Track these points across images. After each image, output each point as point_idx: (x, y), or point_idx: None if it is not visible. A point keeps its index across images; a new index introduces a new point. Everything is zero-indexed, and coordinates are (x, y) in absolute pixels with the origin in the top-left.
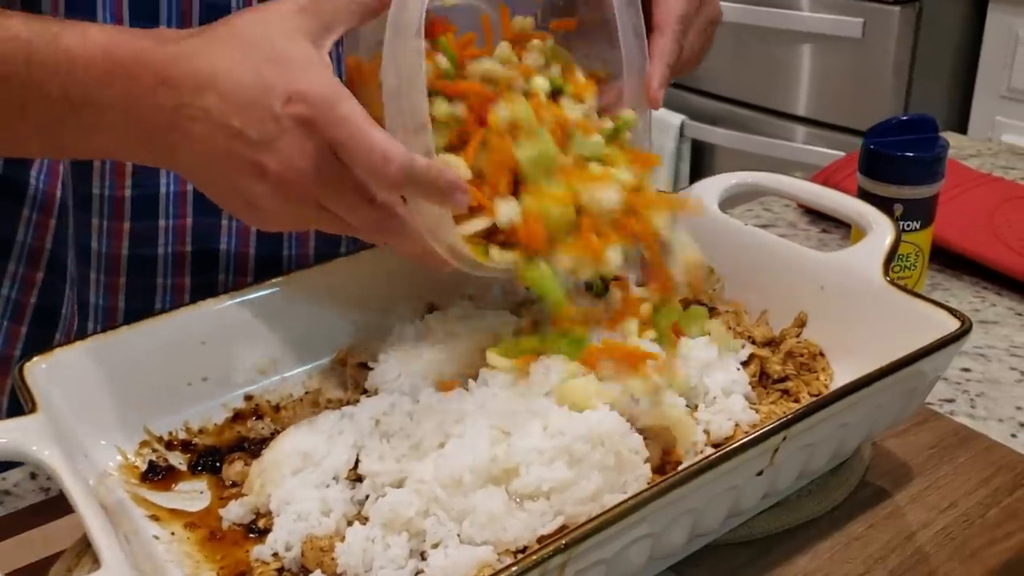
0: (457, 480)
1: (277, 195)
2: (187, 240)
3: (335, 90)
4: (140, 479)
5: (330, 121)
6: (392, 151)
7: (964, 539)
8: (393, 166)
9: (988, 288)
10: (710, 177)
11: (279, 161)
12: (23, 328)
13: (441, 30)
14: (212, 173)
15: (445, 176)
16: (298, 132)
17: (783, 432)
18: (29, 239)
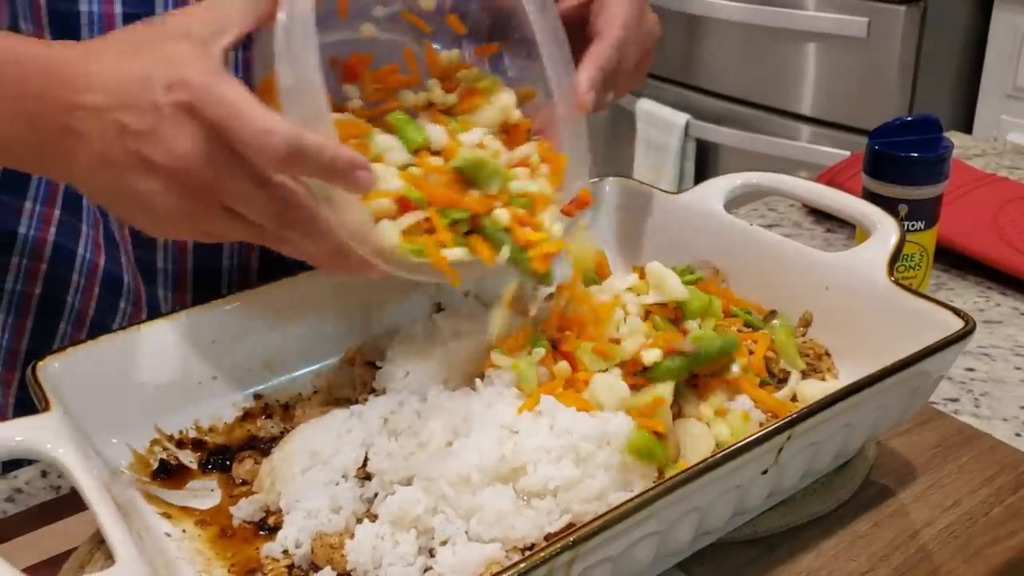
0: (465, 478)
1: (169, 190)
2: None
3: (217, 75)
4: (151, 477)
5: (210, 102)
6: (274, 124)
7: (968, 537)
8: (275, 138)
9: (993, 288)
10: (715, 177)
11: (164, 151)
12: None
13: (359, 66)
14: (107, 176)
15: (341, 153)
16: (179, 119)
17: (788, 431)
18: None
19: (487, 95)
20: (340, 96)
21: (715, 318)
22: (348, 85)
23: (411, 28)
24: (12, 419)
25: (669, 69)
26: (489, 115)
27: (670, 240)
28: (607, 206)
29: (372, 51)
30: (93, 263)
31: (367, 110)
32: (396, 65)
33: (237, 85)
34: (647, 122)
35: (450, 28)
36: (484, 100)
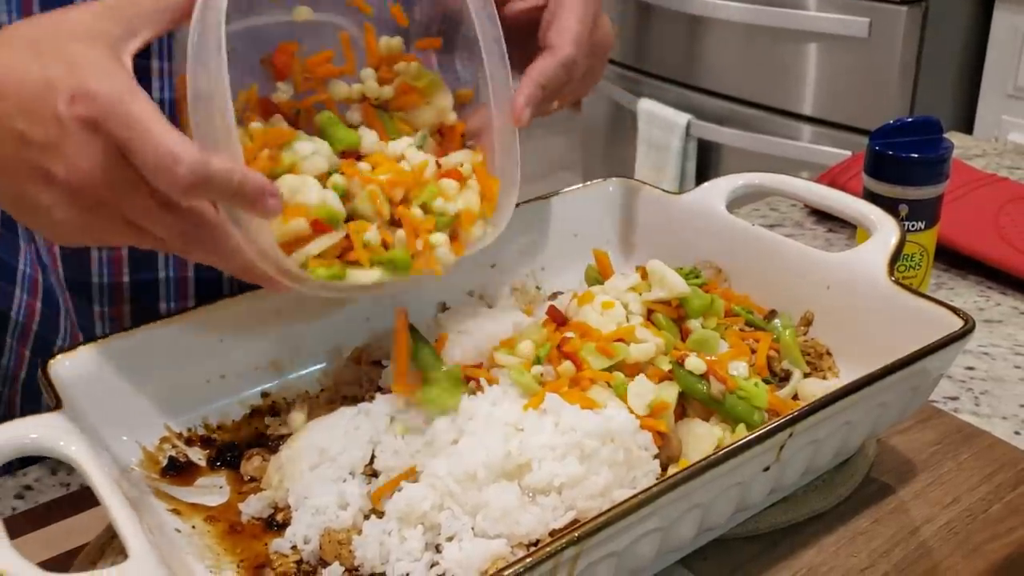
0: (471, 475)
1: (68, 203)
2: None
3: (125, 88)
4: (161, 474)
5: (115, 120)
6: (181, 151)
7: (967, 534)
8: (182, 168)
9: (993, 287)
10: (718, 178)
11: (65, 166)
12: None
13: (287, 59)
14: (5, 183)
15: (249, 179)
16: (83, 134)
17: (789, 429)
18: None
19: (425, 94)
20: (268, 88)
21: (716, 317)
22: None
23: (350, 10)
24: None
25: (670, 69)
26: (425, 116)
27: (672, 240)
28: (610, 206)
29: (307, 35)
30: (33, 279)
31: (294, 102)
32: (329, 53)
33: (144, 101)
34: (648, 122)
35: (393, 17)
36: (421, 99)
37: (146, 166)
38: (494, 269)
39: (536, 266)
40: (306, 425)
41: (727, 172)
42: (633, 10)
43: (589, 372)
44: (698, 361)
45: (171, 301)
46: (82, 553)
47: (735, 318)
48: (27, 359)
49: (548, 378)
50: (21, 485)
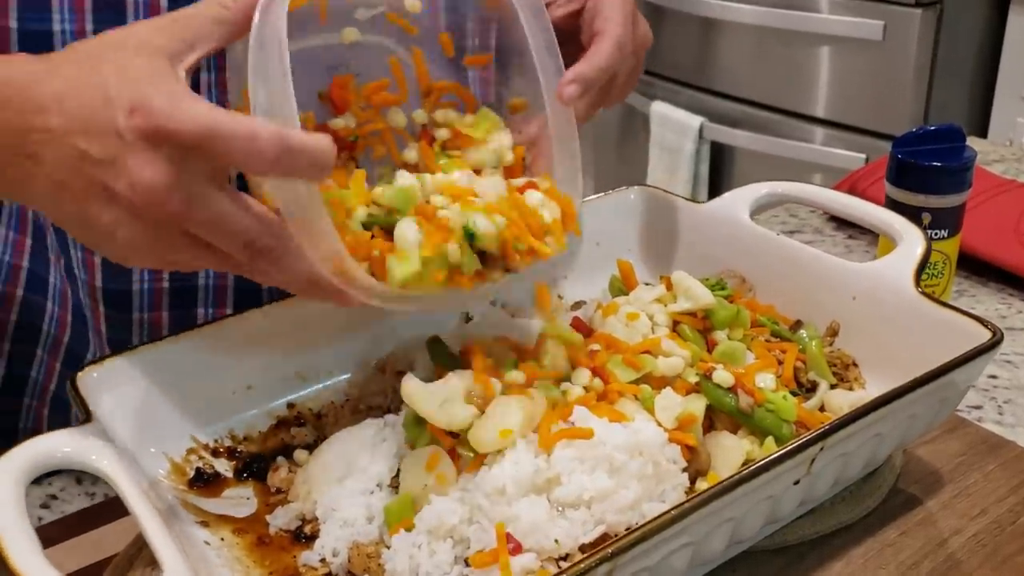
0: (500, 489)
1: (132, 222)
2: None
3: (181, 95)
4: (188, 486)
5: (180, 122)
6: (255, 127)
7: (995, 546)
8: (262, 141)
9: (1014, 295)
10: (741, 187)
11: (127, 182)
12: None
13: (345, 94)
14: (65, 202)
15: (321, 142)
16: (143, 146)
17: (821, 443)
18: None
19: (484, 131)
20: (323, 115)
21: (743, 328)
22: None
23: (396, 31)
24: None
25: (684, 72)
26: (483, 155)
27: (696, 250)
28: (632, 216)
29: (355, 55)
30: (63, 291)
31: (352, 129)
32: (385, 82)
33: (202, 101)
34: (661, 125)
35: (440, 24)
36: (480, 140)
37: (228, 151)
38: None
39: (558, 274)
40: (333, 436)
41: (740, 175)
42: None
43: (616, 385)
44: (726, 374)
45: (209, 307)
46: (111, 564)
47: (761, 329)
48: (57, 371)
49: (576, 393)
50: (47, 495)
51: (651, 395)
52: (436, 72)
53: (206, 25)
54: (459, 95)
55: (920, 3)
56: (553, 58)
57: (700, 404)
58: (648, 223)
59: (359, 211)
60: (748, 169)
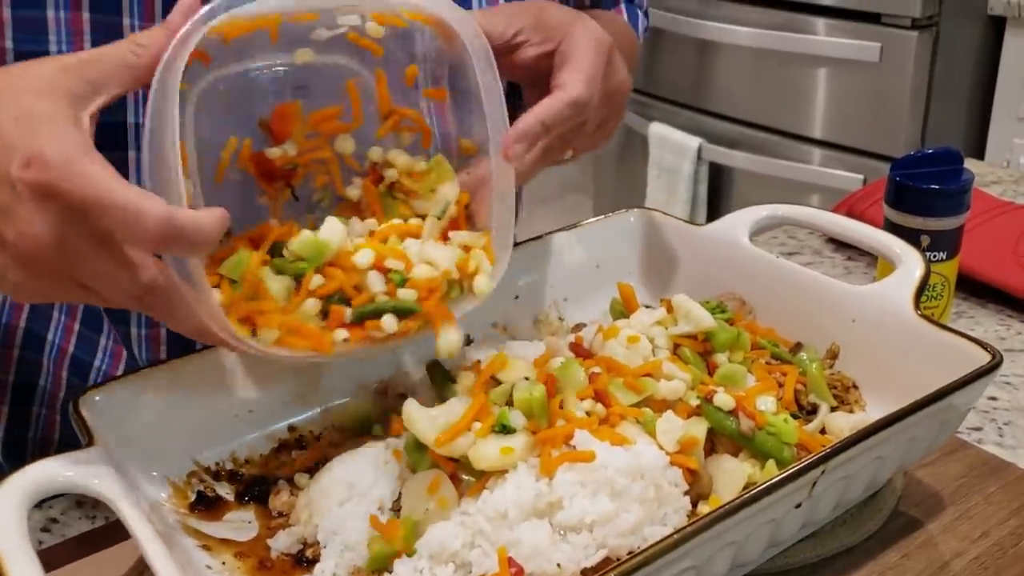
0: (502, 513)
1: (20, 268)
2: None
3: (79, 149)
4: (189, 509)
5: (71, 183)
6: (146, 205)
7: (997, 569)
8: (150, 220)
9: (1013, 316)
10: (741, 209)
11: (16, 232)
12: (4, 407)
13: (288, 122)
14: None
15: (205, 222)
16: (35, 200)
17: (822, 466)
18: (3, 320)
19: (431, 184)
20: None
21: (743, 351)
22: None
23: (353, 50)
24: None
25: (682, 93)
26: (427, 205)
27: (696, 272)
28: (632, 238)
29: (311, 76)
30: (61, 349)
31: (291, 157)
32: (334, 110)
33: (100, 162)
34: (660, 146)
35: (398, 51)
36: (427, 188)
37: (111, 223)
38: (517, 301)
39: (559, 297)
40: (334, 459)
41: (738, 195)
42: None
43: (618, 408)
44: (727, 397)
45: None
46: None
47: (761, 351)
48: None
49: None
50: (47, 518)
51: (652, 418)
52: (397, 99)
53: (114, 68)
54: (417, 124)
55: (916, 25)
56: (499, 110)
57: (701, 427)
58: (648, 246)
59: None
60: (746, 190)
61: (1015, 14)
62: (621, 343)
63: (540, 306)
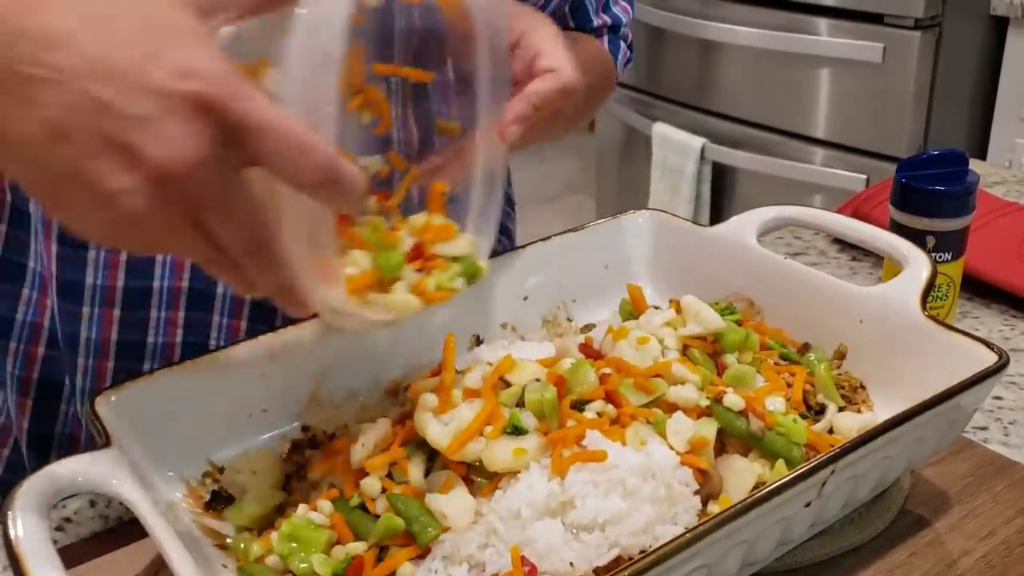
0: (515, 513)
1: (149, 192)
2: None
3: (230, 69)
4: (204, 508)
5: (237, 102)
6: (312, 140)
7: (1004, 567)
8: (316, 157)
9: (1017, 316)
10: (748, 211)
11: (163, 148)
12: (29, 401)
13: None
14: (57, 155)
15: (361, 179)
16: (190, 114)
17: (832, 465)
18: (29, 317)
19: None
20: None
21: (752, 351)
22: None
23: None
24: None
25: (685, 94)
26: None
27: (704, 273)
28: (640, 239)
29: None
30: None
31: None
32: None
33: (252, 86)
34: (663, 146)
35: (379, 24)
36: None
37: (274, 152)
38: (526, 302)
39: (567, 298)
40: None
41: (742, 195)
42: (646, 35)
43: (629, 408)
44: (736, 398)
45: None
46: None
47: (769, 352)
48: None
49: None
50: (61, 518)
51: (663, 419)
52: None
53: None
54: (380, 108)
55: (919, 26)
56: (500, 91)
57: (711, 427)
58: (656, 247)
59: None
60: (749, 190)
61: (1018, 14)
62: (631, 344)
63: (549, 307)
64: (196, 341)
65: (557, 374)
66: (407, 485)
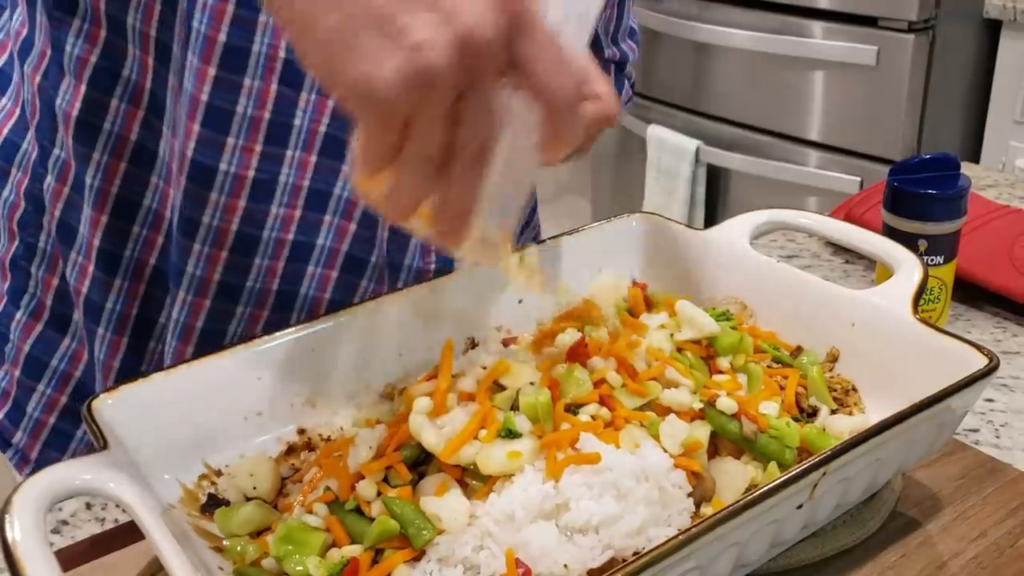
0: (509, 515)
1: (451, 52)
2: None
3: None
4: (200, 511)
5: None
6: (571, 60)
7: (995, 568)
8: (570, 77)
9: (1009, 319)
10: (742, 214)
11: (475, 15)
12: (124, 339)
13: None
14: (365, 2)
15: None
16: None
17: (823, 468)
18: (136, 254)
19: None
20: None
21: (746, 354)
22: None
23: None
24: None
25: (680, 96)
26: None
27: (697, 276)
28: (634, 242)
29: None
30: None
31: None
32: None
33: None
34: (658, 148)
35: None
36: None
37: (541, 55)
38: (520, 305)
39: (562, 300)
40: None
41: (736, 197)
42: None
43: (622, 412)
44: (729, 401)
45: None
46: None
47: (762, 355)
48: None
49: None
50: (57, 520)
51: (656, 422)
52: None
53: None
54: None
55: (913, 28)
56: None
57: (705, 431)
58: (650, 250)
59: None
60: (744, 192)
61: (1011, 17)
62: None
63: (543, 310)
64: (290, 289)
65: (551, 377)
66: (402, 488)
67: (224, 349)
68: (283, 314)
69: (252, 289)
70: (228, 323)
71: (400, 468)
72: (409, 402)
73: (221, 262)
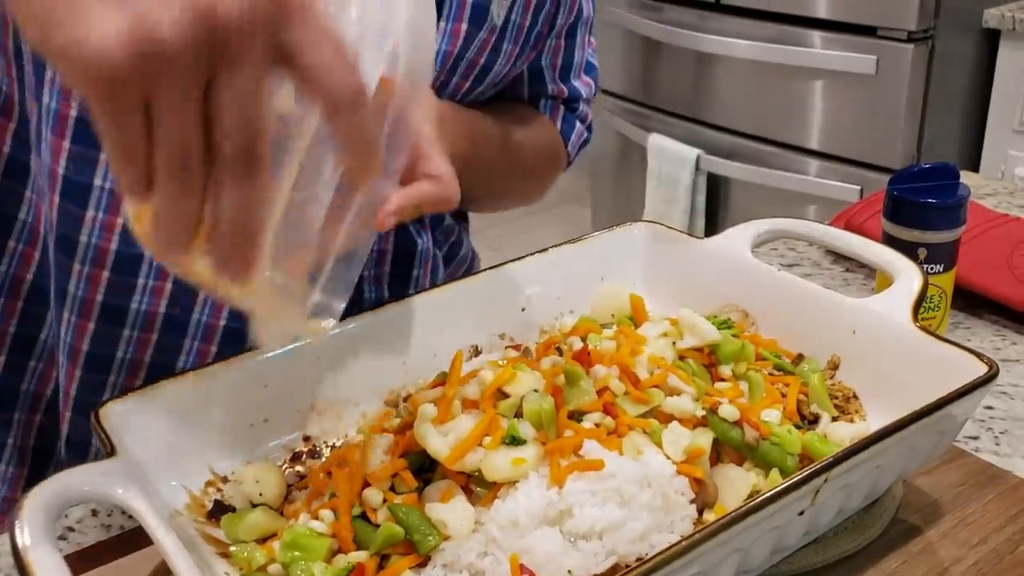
0: (514, 521)
1: (189, 21)
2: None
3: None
4: (207, 517)
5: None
6: (354, 60)
7: (996, 574)
8: (351, 75)
9: (1008, 327)
10: (743, 223)
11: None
12: (2, 357)
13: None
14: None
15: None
16: None
17: (824, 474)
18: (12, 270)
19: None
20: None
21: (747, 362)
22: None
23: None
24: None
25: (680, 105)
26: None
27: (699, 284)
28: (636, 251)
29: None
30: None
31: None
32: None
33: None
34: (658, 156)
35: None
36: None
37: (315, 41)
38: (524, 312)
39: (564, 309)
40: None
41: (737, 206)
42: (641, 47)
43: (625, 419)
44: (731, 408)
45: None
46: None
47: (763, 362)
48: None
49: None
50: (64, 527)
51: (659, 429)
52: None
53: None
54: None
55: (912, 38)
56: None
57: (707, 438)
58: (652, 258)
59: None
60: (744, 200)
61: (1009, 27)
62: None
63: (546, 317)
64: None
65: (555, 385)
66: (408, 495)
67: (228, 359)
68: (175, 339)
69: (138, 312)
70: (115, 348)
71: (406, 475)
72: (414, 409)
73: (103, 282)
